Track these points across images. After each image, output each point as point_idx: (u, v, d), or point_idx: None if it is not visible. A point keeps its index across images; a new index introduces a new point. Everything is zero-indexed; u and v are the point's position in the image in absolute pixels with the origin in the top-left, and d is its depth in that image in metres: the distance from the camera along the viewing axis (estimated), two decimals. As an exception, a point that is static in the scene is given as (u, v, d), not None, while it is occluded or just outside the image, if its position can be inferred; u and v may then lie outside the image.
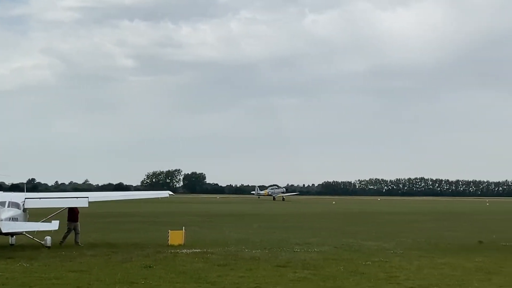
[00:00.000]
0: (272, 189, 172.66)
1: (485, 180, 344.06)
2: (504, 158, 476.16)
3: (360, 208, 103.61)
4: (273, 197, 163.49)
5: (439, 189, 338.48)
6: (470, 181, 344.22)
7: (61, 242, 32.50)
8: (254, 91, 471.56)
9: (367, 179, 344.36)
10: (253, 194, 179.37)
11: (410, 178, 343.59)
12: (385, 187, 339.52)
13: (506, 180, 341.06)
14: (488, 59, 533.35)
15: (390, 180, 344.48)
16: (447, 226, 54.59)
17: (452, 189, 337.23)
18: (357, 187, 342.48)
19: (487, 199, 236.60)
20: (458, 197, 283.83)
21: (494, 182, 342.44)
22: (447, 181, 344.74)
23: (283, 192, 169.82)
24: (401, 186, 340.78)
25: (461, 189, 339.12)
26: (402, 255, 29.18)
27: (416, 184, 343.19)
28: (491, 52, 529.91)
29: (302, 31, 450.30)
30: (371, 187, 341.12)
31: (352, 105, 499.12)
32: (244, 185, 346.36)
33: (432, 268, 24.56)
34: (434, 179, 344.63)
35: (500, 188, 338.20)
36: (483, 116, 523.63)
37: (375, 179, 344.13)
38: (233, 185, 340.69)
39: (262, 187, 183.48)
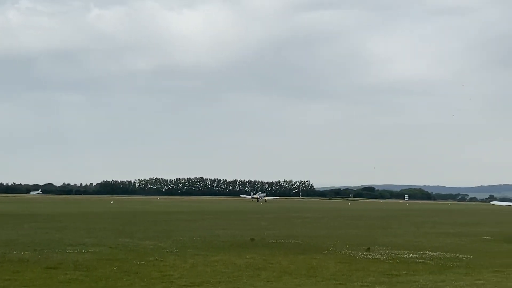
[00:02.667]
0: (259, 194, 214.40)
1: (260, 180, 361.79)
2: (278, 159, 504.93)
3: (139, 208, 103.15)
4: (257, 199, 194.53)
5: (217, 188, 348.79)
6: (246, 181, 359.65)
7: None
8: (32, 85, 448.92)
9: (147, 178, 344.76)
10: (248, 197, 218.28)
11: (190, 178, 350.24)
12: (165, 187, 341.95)
13: (279, 180, 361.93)
14: (269, 64, 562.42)
15: (170, 179, 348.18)
16: (222, 224, 56.26)
17: (230, 189, 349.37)
18: (137, 186, 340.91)
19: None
20: (235, 196, 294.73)
21: (268, 182, 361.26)
22: (225, 181, 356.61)
23: (265, 196, 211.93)
24: (181, 185, 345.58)
25: (238, 188, 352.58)
26: (178, 253, 29.47)
27: (195, 184, 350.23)
28: (272, 57, 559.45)
29: (86, 26, 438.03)
30: (151, 186, 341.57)
31: (134, 104, 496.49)
32: (16, 183, 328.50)
33: (206, 266, 25.09)
34: (213, 179, 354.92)
35: (273, 188, 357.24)
36: (262, 118, 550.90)
37: (155, 178, 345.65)
38: (4, 184, 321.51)
39: (255, 193, 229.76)
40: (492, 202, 64.63)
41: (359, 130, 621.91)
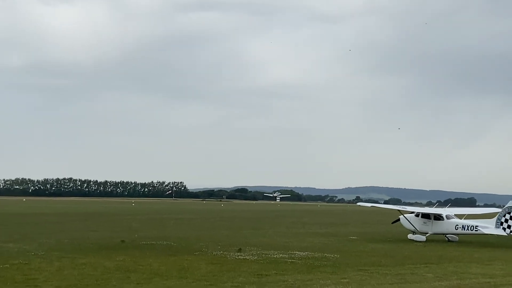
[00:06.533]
0: (278, 194, 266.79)
1: (133, 181, 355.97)
2: (151, 159, 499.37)
3: (3, 209, 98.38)
4: (276, 198, 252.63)
5: (87, 189, 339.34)
6: (118, 181, 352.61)
7: None
8: None
9: (13, 178, 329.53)
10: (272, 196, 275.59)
11: (58, 179, 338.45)
12: (32, 187, 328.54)
13: (152, 182, 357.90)
14: (147, 64, 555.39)
15: (37, 180, 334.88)
16: (92, 226, 54.91)
17: (101, 190, 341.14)
18: (2, 186, 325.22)
19: (133, 199, 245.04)
20: (106, 197, 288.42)
21: (141, 183, 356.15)
22: (95, 182, 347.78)
23: (281, 195, 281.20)
24: (49, 186, 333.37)
25: (110, 189, 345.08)
26: (43, 256, 28.44)
27: (64, 185, 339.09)
28: (150, 57, 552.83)
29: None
30: (17, 187, 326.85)
31: (3, 102, 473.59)
32: None
33: (73, 269, 24.36)
34: (83, 179, 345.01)
35: (146, 189, 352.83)
36: (136, 118, 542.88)
37: (22, 178, 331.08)
38: None
39: (275, 193, 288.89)
40: (358, 203, 67.25)
41: (233, 132, 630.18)
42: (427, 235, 45.36)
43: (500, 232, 41.94)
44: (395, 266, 27.66)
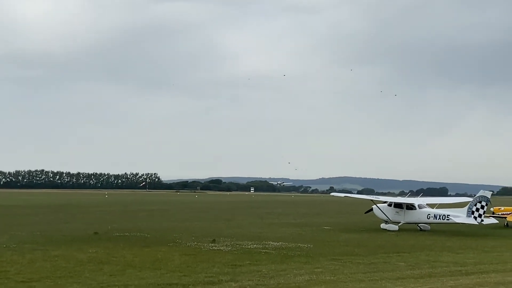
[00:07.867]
0: (282, 180, 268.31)
1: (106, 173, 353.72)
2: (124, 151, 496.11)
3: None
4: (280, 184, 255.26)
5: (60, 181, 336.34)
6: (91, 173, 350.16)
7: None
8: None
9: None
10: (274, 183, 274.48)
11: (30, 170, 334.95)
12: (4, 179, 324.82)
13: (125, 173, 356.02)
14: (121, 54, 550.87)
15: (9, 172, 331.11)
16: (64, 218, 54.47)
17: (73, 182, 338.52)
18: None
19: (106, 191, 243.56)
20: (79, 189, 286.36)
21: (114, 175, 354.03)
22: (68, 174, 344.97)
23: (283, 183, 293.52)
24: (20, 178, 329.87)
25: (82, 181, 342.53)
26: (15, 248, 28.16)
27: (36, 177, 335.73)
28: (125, 47, 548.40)
29: None
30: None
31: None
32: None
33: (45, 261, 24.16)
34: (55, 171, 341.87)
35: (120, 181, 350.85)
36: (109, 109, 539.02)
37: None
38: None
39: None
40: (332, 194, 67.59)
41: (207, 123, 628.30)
42: (399, 224, 45.77)
43: (471, 221, 42.51)
44: (368, 256, 27.88)
